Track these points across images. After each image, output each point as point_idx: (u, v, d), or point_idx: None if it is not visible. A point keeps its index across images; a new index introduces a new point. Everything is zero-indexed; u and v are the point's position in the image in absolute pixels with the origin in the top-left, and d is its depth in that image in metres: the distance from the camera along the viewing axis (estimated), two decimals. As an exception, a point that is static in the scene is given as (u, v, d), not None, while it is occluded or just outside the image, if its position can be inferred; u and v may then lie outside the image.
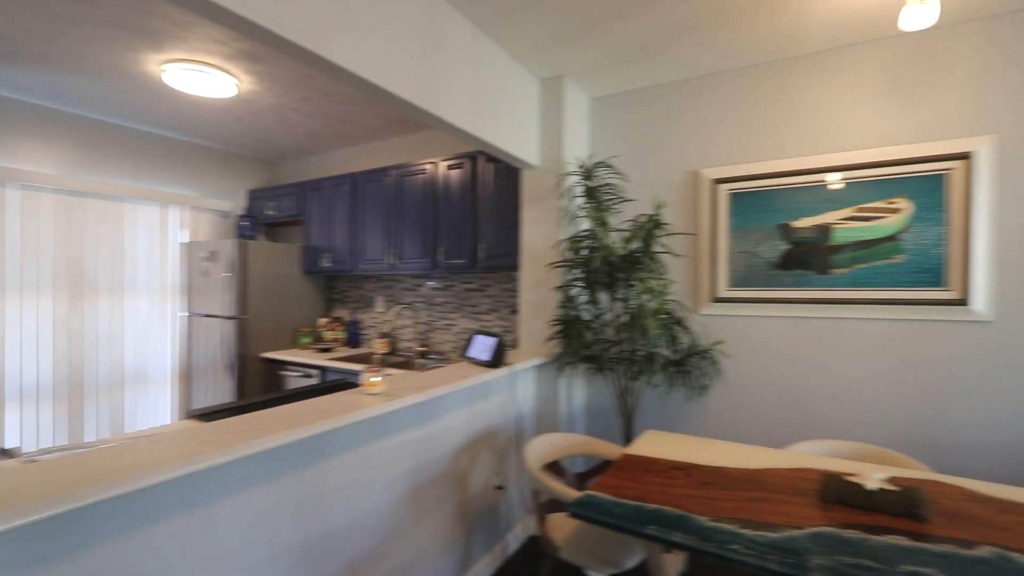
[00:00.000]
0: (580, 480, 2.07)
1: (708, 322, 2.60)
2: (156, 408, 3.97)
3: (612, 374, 2.54)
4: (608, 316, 2.51)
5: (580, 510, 1.38)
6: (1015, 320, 2.04)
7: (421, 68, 1.94)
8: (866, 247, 2.26)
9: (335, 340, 4.12)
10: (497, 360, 2.24)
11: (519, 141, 2.57)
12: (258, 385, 3.83)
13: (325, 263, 3.99)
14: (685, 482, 1.58)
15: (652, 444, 1.92)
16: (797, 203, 2.39)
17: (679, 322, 2.38)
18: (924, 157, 2.15)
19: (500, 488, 2.38)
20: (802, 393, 2.41)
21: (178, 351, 4.11)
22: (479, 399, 2.24)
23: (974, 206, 2.07)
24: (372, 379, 1.65)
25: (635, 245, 2.37)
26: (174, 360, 4.08)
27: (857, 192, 2.28)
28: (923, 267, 2.16)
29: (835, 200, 2.32)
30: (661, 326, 2.24)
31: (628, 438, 2.49)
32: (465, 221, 3.22)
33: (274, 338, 3.96)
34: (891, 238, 2.22)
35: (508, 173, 3.02)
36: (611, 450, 2.07)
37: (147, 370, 3.91)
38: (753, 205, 2.49)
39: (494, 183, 3.09)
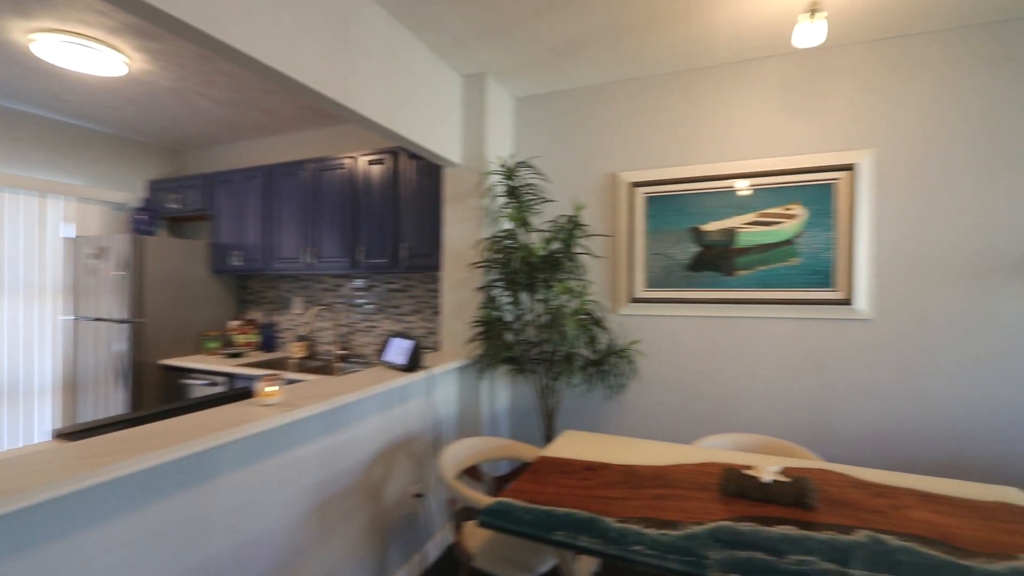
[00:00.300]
0: (499, 484, 2.04)
1: (626, 322, 2.66)
2: (32, 424, 3.51)
3: (533, 375, 2.53)
4: (529, 317, 2.50)
5: (489, 519, 1.34)
6: (890, 318, 2.25)
7: (331, 55, 1.82)
8: (767, 250, 2.40)
9: (247, 344, 3.84)
10: (413, 364, 2.16)
11: (440, 138, 2.51)
12: (156, 395, 3.49)
13: (235, 261, 3.71)
14: (597, 483, 1.59)
15: (569, 445, 1.92)
16: (707, 207, 2.51)
17: (598, 322, 2.42)
18: (815, 167, 2.32)
19: (419, 496, 2.31)
20: (712, 389, 2.53)
21: (60, 359, 3.65)
22: (396, 404, 2.16)
23: (857, 214, 2.26)
24: (268, 388, 1.52)
25: (555, 246, 2.38)
26: (56, 370, 3.63)
27: (759, 198, 2.42)
28: (815, 269, 2.33)
29: (740, 205, 2.45)
30: (580, 327, 2.26)
31: (549, 438, 2.50)
32: (386, 219, 3.10)
33: (176, 343, 3.62)
34: (788, 242, 2.37)
35: (430, 170, 2.94)
36: (530, 452, 2.06)
37: (21, 381, 3.44)
38: (668, 208, 2.58)
39: (416, 180, 3.00)
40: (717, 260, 2.49)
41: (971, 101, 2.15)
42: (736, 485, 1.50)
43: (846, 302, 2.28)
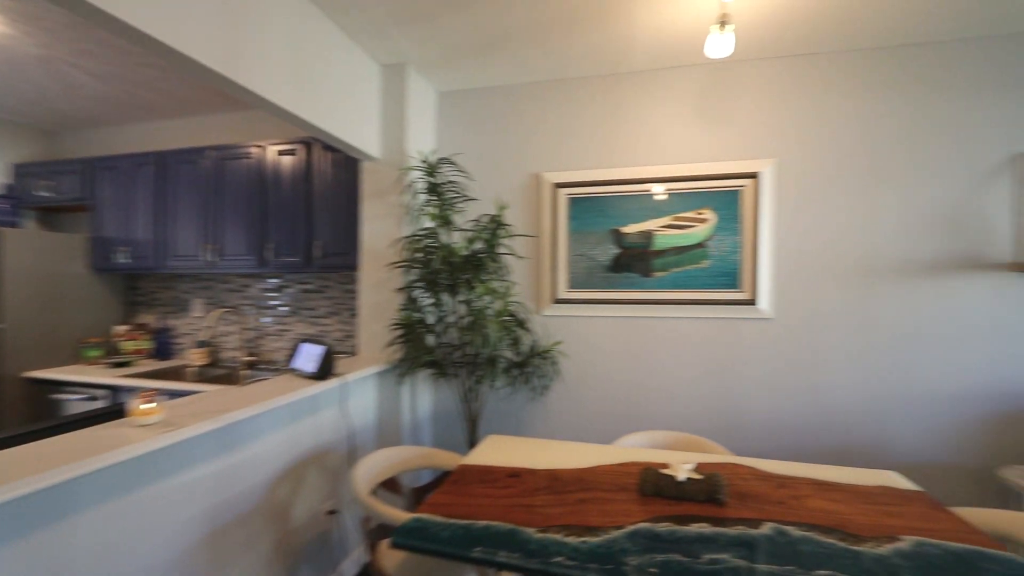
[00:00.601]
0: (419, 495, 1.95)
1: (549, 323, 2.66)
2: None
3: (456, 379, 2.46)
4: (451, 319, 2.42)
5: (402, 539, 1.25)
6: (787, 317, 2.42)
7: (225, 27, 1.63)
8: (681, 253, 2.50)
9: (137, 352, 3.42)
10: (325, 371, 2.01)
11: (357, 129, 2.36)
12: (20, 414, 3.01)
13: (122, 259, 3.29)
14: (519, 490, 1.55)
15: (492, 450, 1.87)
16: (627, 210, 2.56)
17: (521, 324, 2.39)
18: (724, 174, 2.45)
19: (333, 513, 2.15)
20: (632, 388, 2.59)
21: None
22: (305, 415, 1.99)
23: (760, 220, 2.41)
24: (143, 406, 1.32)
25: (478, 246, 2.32)
26: None
27: (674, 202, 2.51)
28: (724, 271, 2.45)
29: (657, 209, 2.53)
30: (503, 328, 2.22)
31: (473, 444, 2.43)
32: (299, 214, 2.88)
33: (46, 352, 3.14)
34: (700, 245, 2.48)
35: (347, 164, 2.77)
36: (452, 460, 1.98)
37: None
38: (590, 210, 2.60)
39: (332, 174, 2.81)
40: (636, 262, 2.55)
41: (856, 120, 2.36)
42: (653, 485, 1.52)
43: (751, 302, 2.42)
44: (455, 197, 2.42)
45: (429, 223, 2.50)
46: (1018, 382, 2.21)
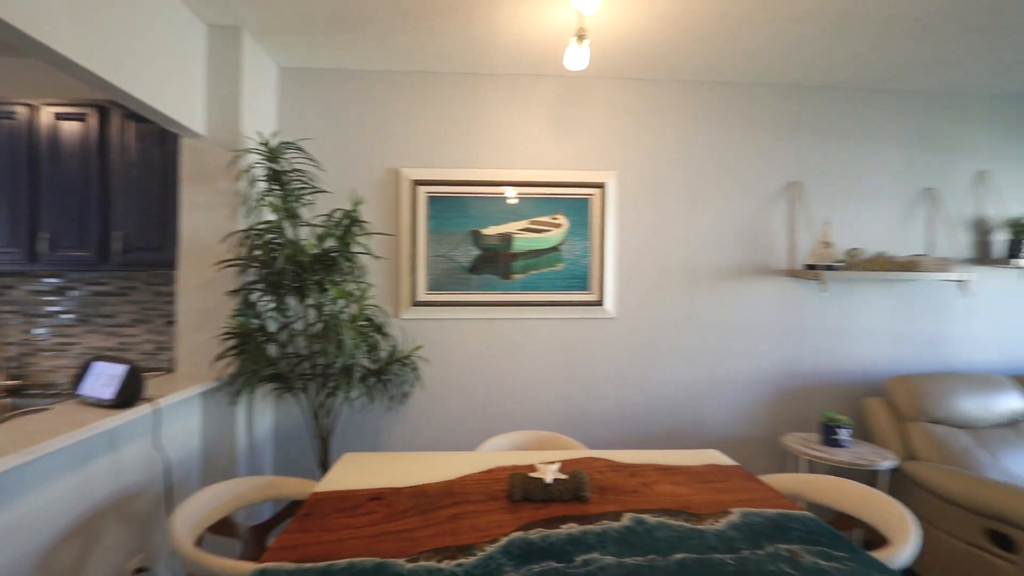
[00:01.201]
0: (259, 536, 1.68)
1: (408, 326, 2.54)
2: None
3: (304, 393, 2.20)
4: (299, 325, 2.15)
5: (246, 597, 1.05)
6: (628, 317, 2.67)
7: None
8: (537, 256, 2.59)
9: None
10: (129, 396, 1.61)
11: (173, 96, 1.94)
12: None
13: None
14: (384, 515, 1.43)
15: (349, 471, 1.70)
16: (486, 212, 2.56)
17: (379, 328, 2.23)
18: (575, 183, 2.60)
19: (142, 572, 1.75)
20: (492, 390, 2.61)
21: None
22: (101, 455, 1.58)
23: (606, 227, 2.61)
24: None
25: (330, 243, 2.10)
26: None
27: (531, 207, 2.58)
28: (575, 274, 2.61)
29: (515, 212, 2.58)
30: (360, 334, 2.04)
31: (326, 465, 2.20)
32: (89, 198, 2.29)
33: None
34: (554, 249, 2.60)
35: (162, 139, 2.29)
36: (301, 487, 1.76)
37: None
38: (449, 210, 2.55)
39: (139, 149, 2.30)
40: (495, 264, 2.57)
41: (681, 144, 2.69)
42: (521, 490, 1.52)
43: (599, 303, 2.62)
44: (302, 188, 2.15)
45: (271, 216, 2.18)
46: (792, 365, 2.76)
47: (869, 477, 2.32)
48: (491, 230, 2.56)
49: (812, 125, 2.78)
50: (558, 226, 2.60)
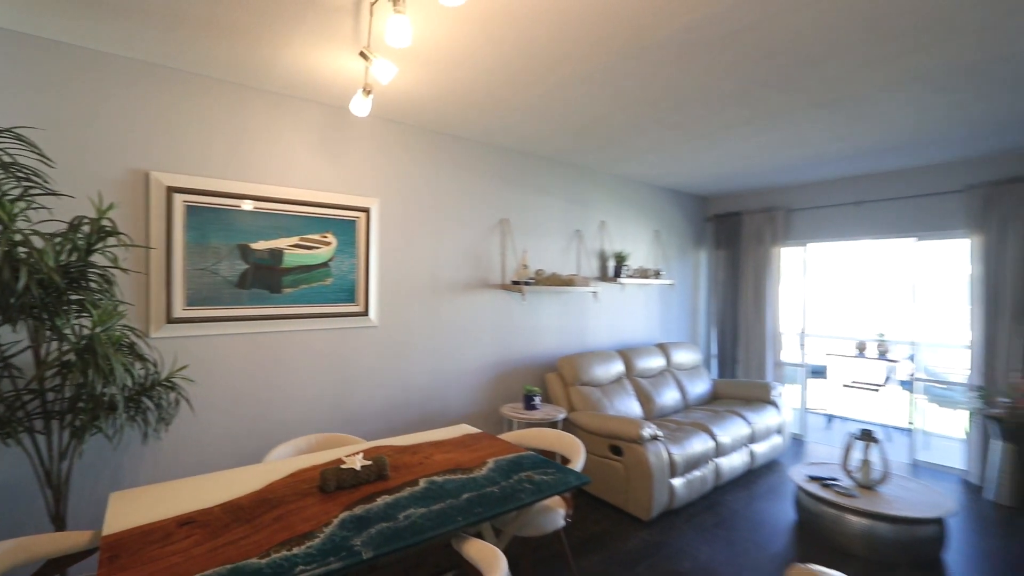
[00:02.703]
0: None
1: (162, 346, 2.31)
2: None
3: (28, 437, 1.80)
4: (29, 355, 1.76)
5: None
6: (387, 324, 3.11)
7: None
8: (308, 271, 2.75)
9: None
10: None
11: None
12: None
13: None
14: (205, 534, 1.50)
15: (129, 508, 1.62)
16: (255, 226, 2.56)
17: (134, 350, 2.01)
18: (343, 205, 2.87)
19: None
20: (267, 402, 2.63)
21: None
22: None
23: (371, 246, 2.98)
24: None
25: (71, 257, 1.80)
26: None
27: (301, 224, 2.72)
28: (344, 288, 2.88)
29: (286, 228, 2.67)
30: (125, 359, 1.83)
31: (62, 519, 1.85)
32: None
33: None
34: (324, 264, 2.81)
35: None
36: (57, 543, 1.55)
37: None
38: (212, 222, 2.44)
39: None
40: (265, 278, 2.60)
41: (427, 180, 3.28)
42: (335, 481, 1.81)
43: (364, 314, 2.97)
44: (28, 186, 1.75)
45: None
46: (504, 354, 3.73)
47: (553, 425, 3.43)
48: (261, 244, 2.57)
49: (516, 179, 3.80)
50: (328, 244, 2.81)
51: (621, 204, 4.69)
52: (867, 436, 3.00)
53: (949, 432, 4.76)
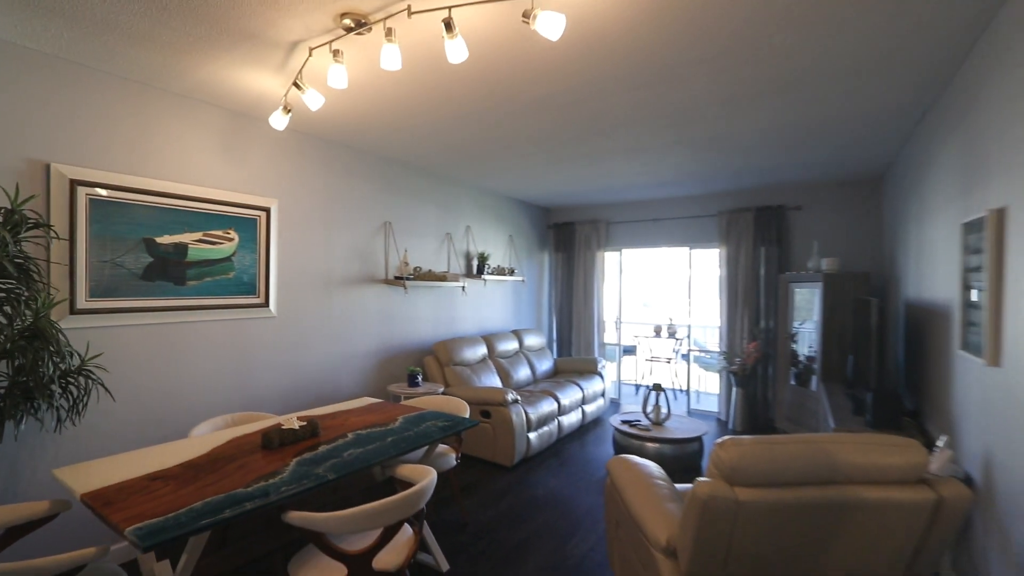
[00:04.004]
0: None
1: (67, 336, 2.33)
2: None
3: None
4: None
5: (155, 539, 1.40)
6: (285, 315, 3.38)
7: None
8: (211, 265, 2.92)
9: None
10: None
11: None
12: None
13: None
14: (180, 482, 1.79)
15: (87, 478, 1.76)
16: (160, 221, 2.67)
17: (46, 339, 2.08)
18: (245, 204, 3.09)
19: None
20: (172, 392, 2.74)
21: None
22: None
23: (271, 243, 3.23)
24: None
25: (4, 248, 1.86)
26: None
27: (205, 220, 2.88)
28: (245, 282, 3.10)
29: (190, 224, 2.81)
30: (33, 350, 1.92)
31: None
32: None
33: None
34: (227, 259, 3.00)
35: None
36: (20, 511, 1.70)
37: None
38: (116, 215, 2.51)
39: None
40: (169, 271, 2.72)
41: (325, 184, 3.62)
42: (279, 439, 2.20)
43: (264, 305, 3.21)
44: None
45: None
46: (390, 341, 4.20)
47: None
48: (166, 239, 2.69)
49: (398, 187, 4.30)
50: (231, 240, 3.00)
51: (483, 211, 5.47)
52: (657, 388, 4.24)
53: (711, 389, 6.60)
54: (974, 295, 2.06)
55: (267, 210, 3.22)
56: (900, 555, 1.67)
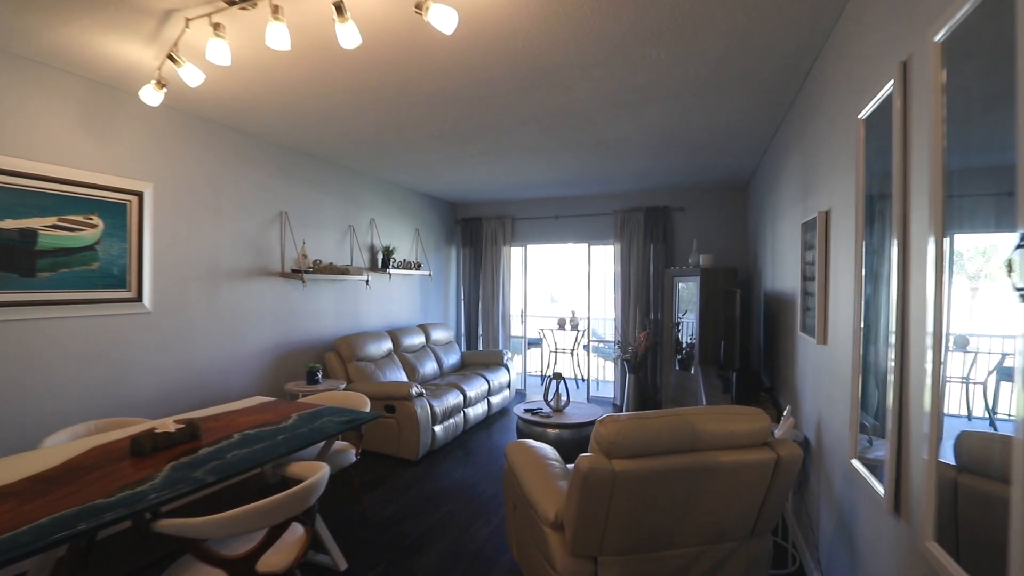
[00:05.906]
0: None
1: None
2: None
3: None
4: None
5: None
6: (164, 311, 3.08)
7: None
8: (69, 254, 2.58)
9: None
10: None
11: None
12: None
13: None
14: (23, 499, 1.56)
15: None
16: (1, 203, 2.32)
17: None
18: (112, 187, 2.77)
19: None
20: (23, 397, 2.38)
21: None
22: None
23: (144, 231, 2.93)
24: None
25: None
26: None
27: (61, 203, 2.55)
28: (113, 273, 2.78)
29: (41, 207, 2.47)
30: None
31: None
32: None
33: None
34: (90, 248, 2.67)
35: None
36: None
37: None
38: (-61, 195, 2.14)
39: None
40: (15, 260, 2.37)
41: (209, 171, 3.34)
42: (151, 444, 2.02)
43: (137, 300, 2.90)
44: None
45: None
46: (287, 337, 3.98)
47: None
48: (8, 223, 2.33)
49: (295, 176, 4.08)
50: (93, 226, 2.67)
51: (388, 204, 5.36)
52: (558, 376, 4.46)
53: (609, 377, 7.03)
54: (810, 285, 2.43)
55: (139, 194, 2.91)
56: (752, 507, 1.93)
